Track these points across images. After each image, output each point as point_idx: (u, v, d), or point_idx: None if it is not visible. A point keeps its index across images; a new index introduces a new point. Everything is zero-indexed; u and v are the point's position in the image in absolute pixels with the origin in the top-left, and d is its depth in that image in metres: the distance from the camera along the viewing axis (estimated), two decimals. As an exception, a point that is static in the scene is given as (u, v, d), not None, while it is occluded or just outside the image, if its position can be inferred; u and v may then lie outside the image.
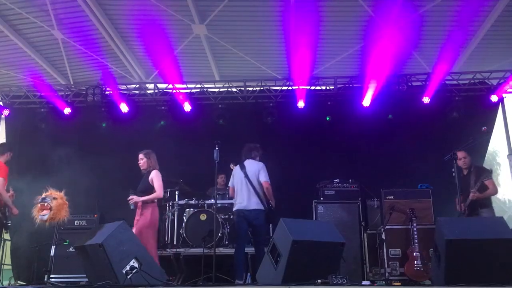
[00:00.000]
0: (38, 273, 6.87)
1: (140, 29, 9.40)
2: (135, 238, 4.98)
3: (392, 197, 7.37)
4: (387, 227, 7.16)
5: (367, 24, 8.95)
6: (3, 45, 9.54)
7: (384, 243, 7.11)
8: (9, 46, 9.60)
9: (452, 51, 9.64)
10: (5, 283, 7.94)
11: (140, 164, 6.47)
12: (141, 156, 6.52)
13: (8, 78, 10.47)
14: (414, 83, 9.02)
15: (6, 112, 9.44)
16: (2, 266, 8.15)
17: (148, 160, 6.47)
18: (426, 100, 8.85)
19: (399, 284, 5.92)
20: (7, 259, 8.50)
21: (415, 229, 6.87)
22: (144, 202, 6.09)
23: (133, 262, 4.57)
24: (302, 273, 4.37)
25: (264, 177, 6.56)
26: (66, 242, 7.31)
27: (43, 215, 5.19)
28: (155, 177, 6.28)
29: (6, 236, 8.20)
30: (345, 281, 4.23)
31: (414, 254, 6.73)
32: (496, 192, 6.59)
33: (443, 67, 9.20)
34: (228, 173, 8.56)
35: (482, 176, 6.48)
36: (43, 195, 5.39)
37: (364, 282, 5.75)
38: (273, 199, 6.54)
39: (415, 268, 6.65)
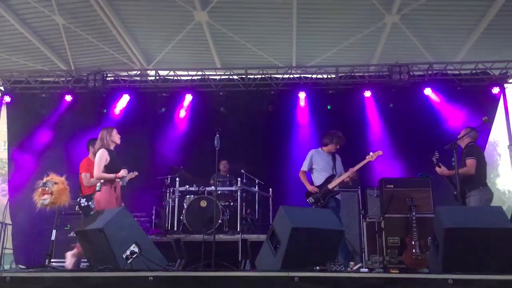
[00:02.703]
0: (39, 257, 6.93)
1: (141, 16, 9.37)
2: (135, 224, 5.02)
3: (391, 186, 7.39)
4: (386, 215, 7.19)
5: (369, 12, 8.94)
6: (4, 30, 9.54)
7: (383, 232, 7.15)
8: (10, 31, 9.60)
9: (455, 40, 9.62)
10: (6, 267, 8.01)
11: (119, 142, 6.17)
12: None
13: (9, 63, 10.48)
14: (416, 73, 8.99)
15: (7, 98, 9.42)
16: (4, 250, 8.24)
17: None
18: (427, 90, 8.83)
19: (397, 271, 5.97)
20: (9, 243, 8.58)
21: (414, 218, 6.90)
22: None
23: (133, 247, 4.60)
24: (301, 260, 4.40)
25: None
26: (67, 227, 7.37)
27: (44, 200, 5.22)
28: None
29: (8, 220, 8.27)
30: (343, 268, 4.26)
31: (413, 243, 6.77)
32: (469, 173, 6.15)
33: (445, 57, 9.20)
34: (230, 159, 8.62)
35: (465, 155, 6.31)
36: (44, 179, 5.41)
37: (362, 270, 5.79)
38: (311, 186, 6.60)
39: (413, 257, 6.70)
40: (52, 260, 6.69)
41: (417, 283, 3.68)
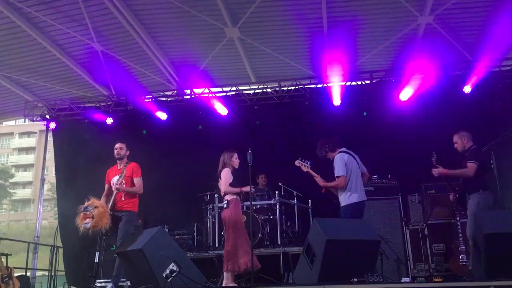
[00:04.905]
0: (87, 278, 7.16)
1: (176, 37, 9.61)
2: (174, 242, 5.13)
3: (433, 191, 7.23)
4: (429, 222, 7.02)
5: (401, 14, 8.78)
6: (48, 61, 9.98)
7: (427, 239, 6.98)
8: (53, 62, 10.03)
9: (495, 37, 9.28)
10: (59, 288, 8.33)
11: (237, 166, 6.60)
12: None
13: (54, 92, 10.92)
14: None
15: (52, 125, 9.85)
16: (56, 272, 8.56)
17: None
18: (467, 89, 8.55)
19: (440, 280, 5.79)
20: (61, 265, 8.92)
21: (458, 223, 6.70)
22: None
23: (173, 266, 4.71)
24: (338, 272, 4.36)
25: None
26: (113, 247, 7.57)
27: (86, 224, 5.43)
28: None
29: (59, 243, 8.60)
30: (381, 279, 4.19)
31: (459, 249, 6.57)
32: (466, 174, 5.91)
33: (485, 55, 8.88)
34: (267, 173, 8.63)
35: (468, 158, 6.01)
36: (85, 204, 5.63)
37: (403, 279, 5.66)
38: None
39: (461, 263, 6.49)
40: (100, 280, 6.90)
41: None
